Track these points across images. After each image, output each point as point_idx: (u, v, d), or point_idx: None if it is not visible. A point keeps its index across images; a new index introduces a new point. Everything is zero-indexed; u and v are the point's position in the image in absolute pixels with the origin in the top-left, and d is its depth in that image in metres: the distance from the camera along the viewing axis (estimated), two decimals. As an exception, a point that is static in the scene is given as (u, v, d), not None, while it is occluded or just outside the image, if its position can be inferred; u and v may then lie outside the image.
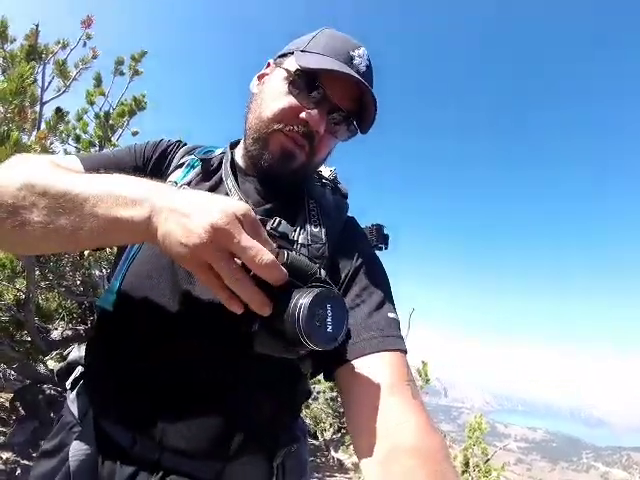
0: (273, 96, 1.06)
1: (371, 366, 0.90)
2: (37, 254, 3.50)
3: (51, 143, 3.46)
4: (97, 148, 5.16)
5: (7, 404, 4.70)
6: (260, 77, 1.17)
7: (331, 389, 7.42)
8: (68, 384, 1.13)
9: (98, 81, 5.34)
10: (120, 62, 5.53)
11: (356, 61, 1.02)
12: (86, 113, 5.29)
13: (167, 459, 0.92)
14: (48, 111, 4.23)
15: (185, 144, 1.25)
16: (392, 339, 0.95)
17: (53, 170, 0.85)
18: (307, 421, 7.83)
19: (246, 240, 0.68)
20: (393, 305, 1.05)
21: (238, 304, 0.73)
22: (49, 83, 4.45)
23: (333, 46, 1.04)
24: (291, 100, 1.03)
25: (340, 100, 1.03)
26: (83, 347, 1.17)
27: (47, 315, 4.53)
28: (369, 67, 1.05)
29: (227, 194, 1.08)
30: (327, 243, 1.05)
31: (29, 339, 4.13)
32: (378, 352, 0.92)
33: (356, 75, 0.98)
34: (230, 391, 0.96)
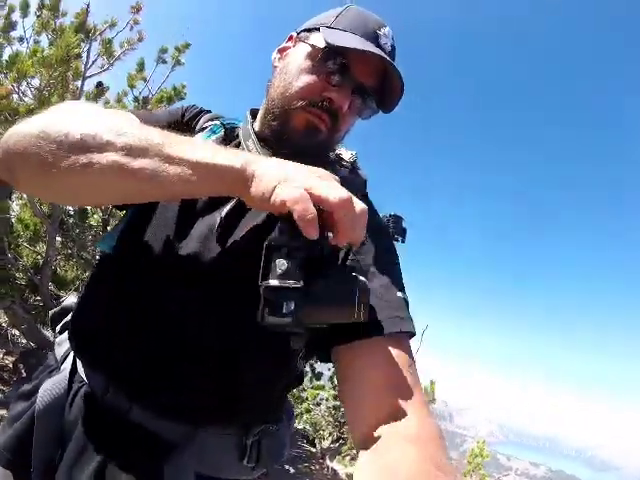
0: (298, 72, 1.04)
1: (373, 349, 0.87)
2: (99, 204, 3.42)
3: None
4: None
5: (11, 366, 4.77)
6: (282, 50, 1.15)
7: (335, 398, 7.31)
8: (58, 328, 1.14)
9: (140, 66, 5.40)
10: (164, 50, 5.60)
11: (382, 40, 1.00)
12: (126, 96, 5.37)
13: (136, 413, 0.90)
14: (89, 87, 4.35)
15: (208, 111, 1.23)
16: (398, 320, 0.91)
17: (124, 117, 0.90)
18: (307, 427, 7.76)
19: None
20: (402, 284, 1.01)
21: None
22: (94, 61, 4.54)
23: (360, 24, 1.02)
24: (316, 77, 1.01)
25: (365, 79, 1.01)
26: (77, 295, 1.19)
27: (63, 283, 4.57)
28: (394, 47, 1.04)
29: None
30: None
31: (42, 304, 4.18)
32: (382, 335, 0.88)
33: (385, 55, 0.97)
34: (214, 356, 0.93)
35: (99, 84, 3.98)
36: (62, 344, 1.07)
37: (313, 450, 6.98)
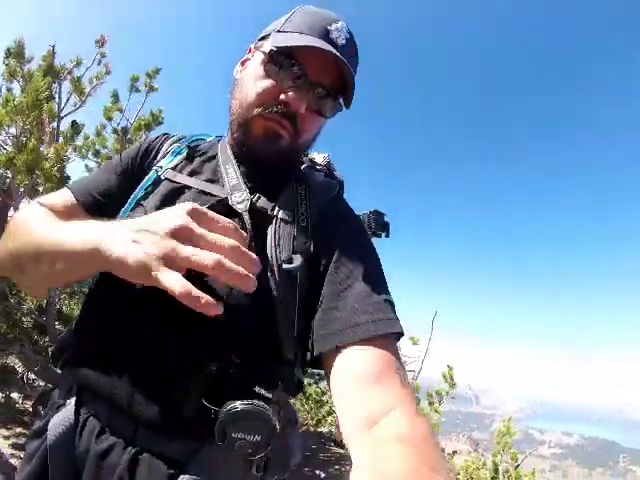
0: (253, 80, 1.06)
1: (360, 352, 0.87)
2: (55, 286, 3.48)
3: (66, 153, 3.55)
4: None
5: (31, 409, 4.81)
6: (243, 62, 1.17)
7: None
8: (59, 365, 1.13)
9: (115, 97, 5.49)
10: (135, 79, 5.65)
11: (333, 35, 1.00)
12: (104, 129, 5.41)
13: (141, 436, 0.91)
14: (66, 126, 4.39)
15: (173, 135, 1.27)
16: (386, 322, 0.91)
17: (37, 230, 0.98)
18: (332, 429, 7.72)
19: (203, 230, 0.74)
20: (387, 286, 1.01)
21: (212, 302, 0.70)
22: (67, 100, 4.60)
23: (308, 22, 1.02)
24: (269, 82, 1.03)
25: (319, 76, 1.01)
26: None
27: (68, 320, 4.59)
28: (349, 40, 1.03)
29: (222, 177, 1.10)
30: (304, 218, 1.04)
31: (51, 344, 4.22)
32: (367, 338, 0.88)
33: (331, 48, 0.96)
34: (206, 371, 0.92)
35: (74, 123, 4.04)
36: (64, 379, 1.07)
37: (342, 451, 6.97)
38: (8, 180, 3.84)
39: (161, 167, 1.14)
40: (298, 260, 0.96)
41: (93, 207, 1.15)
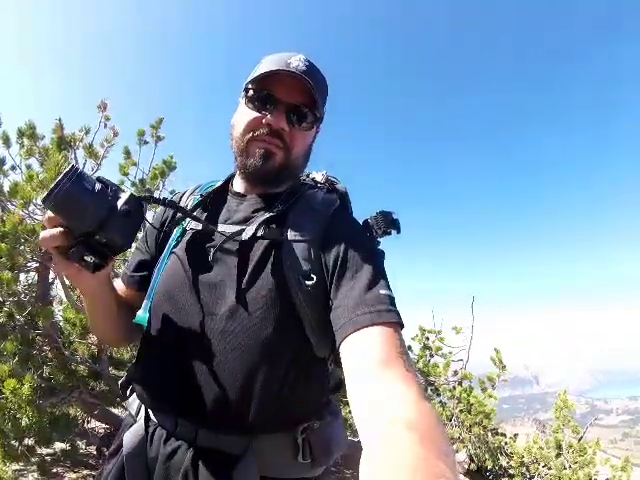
0: (241, 117, 1.27)
1: (364, 340, 0.97)
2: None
3: None
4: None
5: (95, 452, 4.98)
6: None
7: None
8: (128, 392, 1.37)
9: (127, 154, 5.64)
10: (141, 133, 5.85)
11: (293, 64, 1.18)
12: (123, 184, 5.60)
13: (202, 437, 1.11)
14: None
15: (185, 190, 1.50)
16: (384, 313, 1.01)
17: None
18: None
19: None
20: (386, 282, 1.12)
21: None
22: (84, 166, 4.79)
23: (272, 61, 1.21)
24: (252, 113, 1.23)
25: (290, 97, 1.22)
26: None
27: (121, 363, 4.86)
28: (309, 66, 1.21)
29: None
30: (312, 236, 1.19)
31: (107, 388, 4.42)
32: (370, 326, 0.98)
33: (287, 69, 1.16)
34: (252, 380, 1.11)
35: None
36: (133, 403, 1.31)
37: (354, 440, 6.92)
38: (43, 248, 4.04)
39: (184, 222, 1.36)
40: (313, 278, 1.12)
41: (138, 282, 1.42)
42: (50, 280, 4.74)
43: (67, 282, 4.17)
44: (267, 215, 1.23)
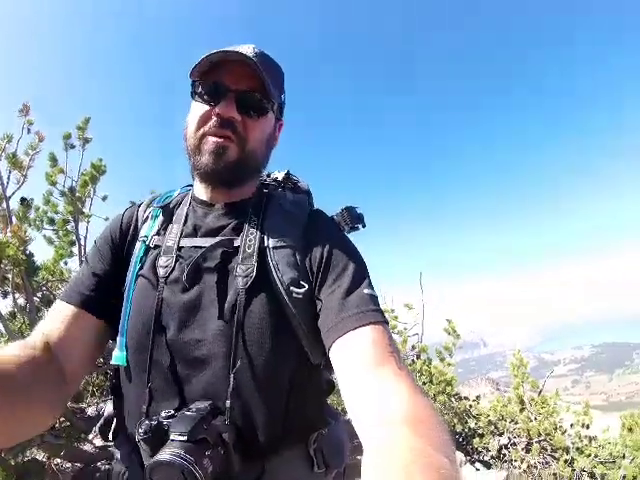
0: (192, 115, 1.18)
1: (354, 341, 0.96)
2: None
3: (25, 232, 3.52)
4: (73, 224, 5.18)
5: None
6: None
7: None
8: (110, 436, 1.19)
9: (53, 161, 5.27)
10: (67, 137, 5.44)
11: (239, 48, 1.09)
12: (52, 194, 5.27)
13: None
14: (13, 204, 4.28)
15: (141, 202, 1.34)
16: (370, 313, 1.01)
17: None
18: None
19: None
20: (369, 281, 1.12)
21: None
22: (8, 178, 4.45)
23: (216, 49, 1.10)
24: (201, 108, 1.14)
25: (239, 84, 1.12)
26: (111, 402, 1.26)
27: (78, 396, 4.58)
28: (259, 53, 1.12)
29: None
30: (293, 241, 1.14)
31: (68, 423, 4.20)
32: (358, 327, 0.98)
33: (232, 50, 1.07)
34: (257, 402, 1.03)
35: (22, 200, 3.94)
36: (122, 446, 1.14)
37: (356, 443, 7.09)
38: None
39: (146, 236, 1.21)
40: (304, 285, 1.07)
41: (92, 302, 1.16)
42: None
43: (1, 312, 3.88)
44: (243, 224, 1.18)
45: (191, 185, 1.34)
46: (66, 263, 5.54)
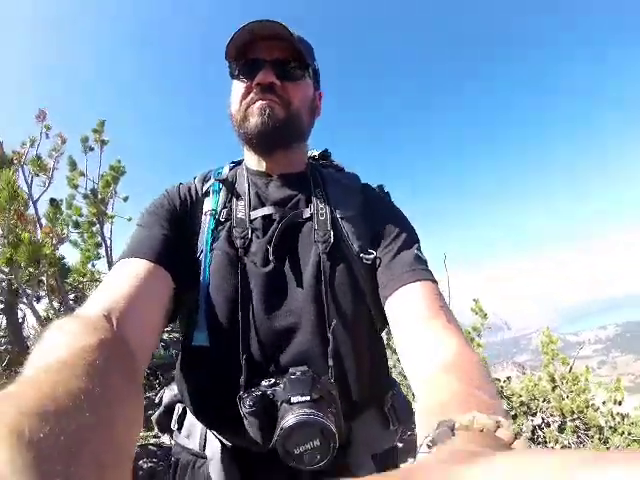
0: (234, 94, 1.21)
1: (408, 296, 1.02)
2: None
3: (63, 231, 3.57)
4: (97, 225, 5.25)
5: None
6: None
7: (399, 361, 7.42)
8: (174, 425, 1.20)
9: (72, 165, 5.38)
10: (85, 140, 5.58)
11: (262, 21, 1.11)
12: (74, 198, 5.35)
13: None
14: (45, 207, 4.32)
15: (193, 178, 1.33)
16: (420, 271, 1.07)
17: None
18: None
19: None
20: (419, 246, 1.18)
21: None
22: (31, 182, 4.52)
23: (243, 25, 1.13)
24: (242, 83, 1.18)
25: (271, 55, 1.16)
26: (172, 388, 1.26)
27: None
28: (281, 24, 1.12)
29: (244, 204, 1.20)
30: (356, 211, 1.20)
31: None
32: (411, 283, 1.03)
33: (252, 23, 1.09)
34: (348, 363, 1.06)
35: (52, 201, 3.98)
36: (192, 432, 1.15)
37: None
38: (4, 282, 3.79)
39: (214, 210, 1.19)
40: (372, 252, 1.12)
41: (167, 260, 1.04)
42: (20, 320, 4.43)
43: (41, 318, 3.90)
44: (309, 196, 1.22)
45: (234, 162, 1.37)
46: (93, 265, 5.62)
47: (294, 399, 0.86)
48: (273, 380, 0.96)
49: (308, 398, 0.86)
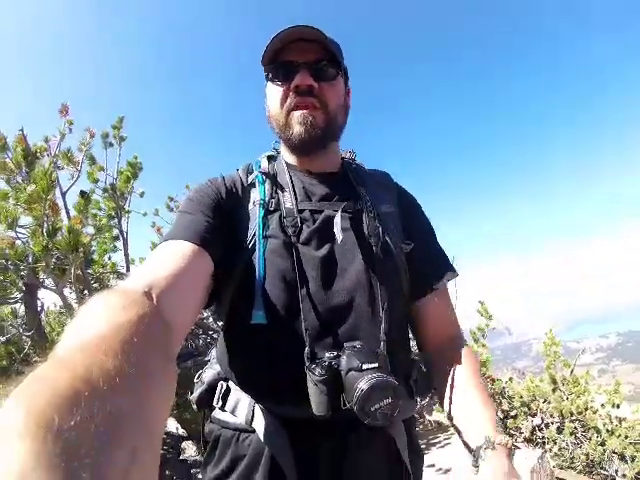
0: (272, 97, 1.31)
1: (430, 299, 1.34)
2: None
3: (101, 221, 3.69)
4: (116, 220, 5.36)
5: None
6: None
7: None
8: (216, 402, 1.24)
9: (92, 160, 5.51)
10: (106, 135, 5.71)
11: (295, 26, 1.21)
12: (94, 193, 5.46)
13: (342, 417, 1.03)
14: (73, 199, 4.51)
15: (236, 170, 1.42)
16: (447, 265, 1.41)
17: None
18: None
19: None
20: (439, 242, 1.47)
21: None
22: (57, 175, 4.64)
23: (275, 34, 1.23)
24: (279, 87, 1.27)
25: (305, 57, 1.25)
26: (213, 368, 1.32)
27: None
28: (312, 26, 1.22)
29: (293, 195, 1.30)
30: (394, 207, 1.38)
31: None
32: (440, 278, 1.35)
33: (294, 25, 1.20)
34: (387, 341, 1.15)
35: (82, 193, 4.06)
36: (238, 408, 1.19)
37: (439, 420, 7.02)
38: (25, 271, 3.92)
39: (263, 200, 1.26)
40: (410, 243, 1.32)
41: (210, 243, 1.10)
42: (38, 309, 4.50)
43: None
44: (353, 192, 1.35)
45: (268, 155, 1.45)
46: (110, 258, 5.74)
47: (364, 366, 0.98)
48: (335, 353, 1.06)
49: (376, 365, 0.98)
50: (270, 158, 1.44)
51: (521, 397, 5.94)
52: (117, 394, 0.46)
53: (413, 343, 1.44)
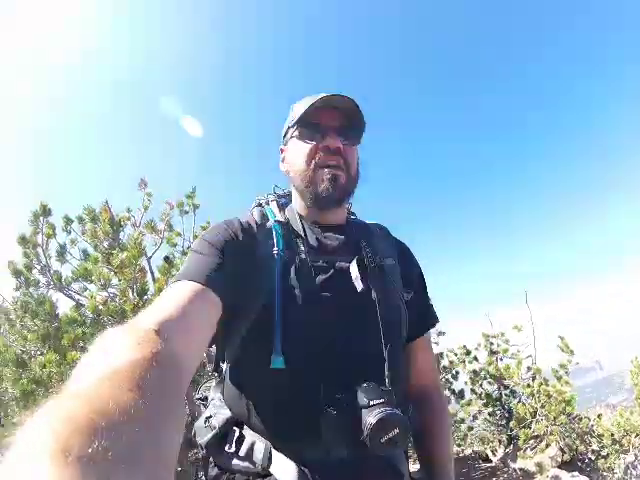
0: (297, 154, 1.39)
1: (419, 344, 1.53)
2: None
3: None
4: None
5: None
6: (282, 160, 1.52)
7: (485, 405, 7.27)
8: (229, 447, 1.24)
9: (169, 226, 6.01)
10: (181, 205, 6.21)
11: (327, 93, 1.31)
12: (173, 255, 5.78)
13: (356, 456, 1.12)
14: (157, 263, 4.91)
15: (249, 213, 1.48)
16: (433, 318, 1.60)
17: None
18: (474, 445, 7.64)
19: None
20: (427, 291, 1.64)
21: None
22: (141, 241, 5.08)
23: (306, 102, 1.34)
24: (308, 145, 1.36)
25: (335, 121, 1.36)
26: (223, 412, 1.32)
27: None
28: (343, 95, 1.32)
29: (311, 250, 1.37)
30: (395, 258, 1.50)
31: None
32: (425, 331, 1.56)
33: (325, 94, 1.31)
34: (390, 379, 1.23)
35: (166, 258, 4.40)
36: (255, 451, 1.20)
37: (492, 464, 6.89)
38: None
39: (281, 250, 1.30)
40: (410, 292, 1.48)
41: (219, 284, 1.12)
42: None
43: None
44: (358, 244, 1.41)
45: (276, 198, 1.55)
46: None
47: (372, 402, 1.09)
48: (346, 393, 1.13)
49: (382, 400, 1.09)
50: (278, 199, 1.55)
51: (612, 435, 5.68)
52: (132, 428, 0.47)
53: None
